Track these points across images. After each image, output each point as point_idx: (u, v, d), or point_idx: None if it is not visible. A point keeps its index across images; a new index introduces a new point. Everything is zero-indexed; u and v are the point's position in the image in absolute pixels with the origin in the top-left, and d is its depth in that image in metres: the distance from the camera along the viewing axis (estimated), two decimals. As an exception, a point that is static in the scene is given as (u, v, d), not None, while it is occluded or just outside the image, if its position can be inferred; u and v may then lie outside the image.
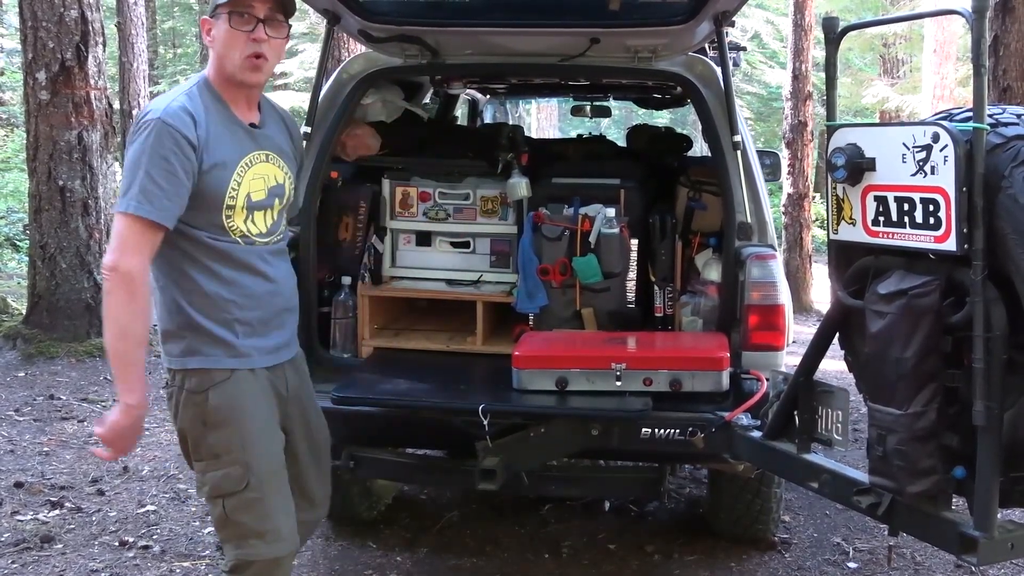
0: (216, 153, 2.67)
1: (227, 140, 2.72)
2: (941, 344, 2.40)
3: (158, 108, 2.65)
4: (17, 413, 6.28)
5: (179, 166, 2.60)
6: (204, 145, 2.65)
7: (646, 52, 3.93)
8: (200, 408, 2.72)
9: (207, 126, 2.67)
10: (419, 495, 4.96)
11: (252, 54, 2.69)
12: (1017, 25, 5.60)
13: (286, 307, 2.93)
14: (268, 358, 2.84)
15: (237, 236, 2.75)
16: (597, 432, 3.40)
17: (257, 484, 2.71)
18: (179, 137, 2.60)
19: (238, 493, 2.70)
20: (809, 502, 4.85)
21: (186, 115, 2.63)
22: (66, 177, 7.85)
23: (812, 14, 11.48)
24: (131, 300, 2.58)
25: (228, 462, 2.71)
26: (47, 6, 7.74)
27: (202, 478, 2.77)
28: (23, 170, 11.21)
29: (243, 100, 2.81)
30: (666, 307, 4.05)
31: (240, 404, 2.74)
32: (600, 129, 22.78)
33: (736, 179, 3.75)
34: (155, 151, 2.58)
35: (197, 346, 2.72)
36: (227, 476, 2.71)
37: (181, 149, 2.60)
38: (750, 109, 22.83)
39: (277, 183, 2.85)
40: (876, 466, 2.51)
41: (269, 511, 2.74)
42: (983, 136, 2.31)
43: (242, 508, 2.71)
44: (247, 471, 2.70)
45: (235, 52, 2.69)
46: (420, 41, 3.96)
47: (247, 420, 2.74)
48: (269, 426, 2.81)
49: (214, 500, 2.74)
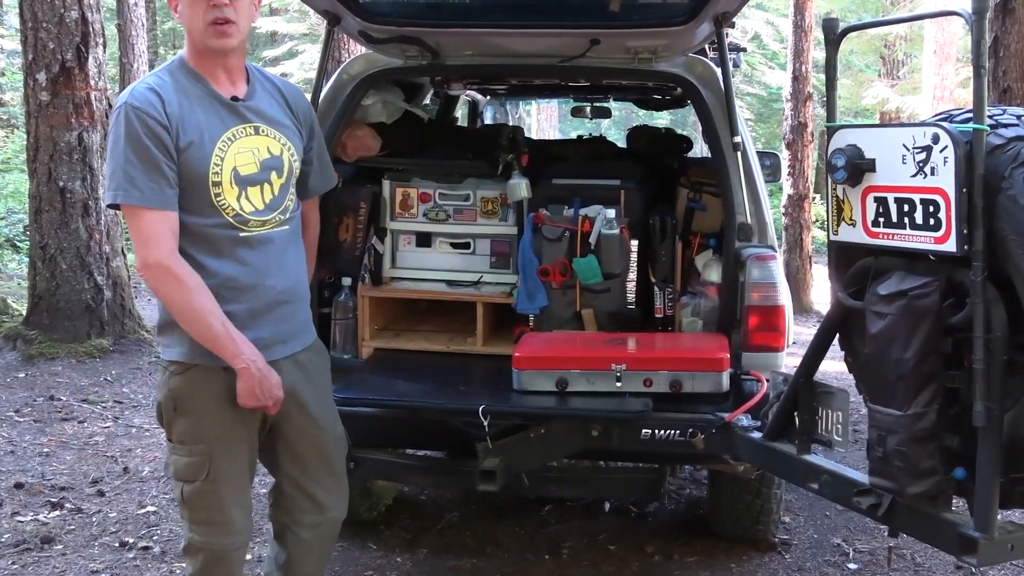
0: (192, 130, 2.63)
1: (204, 116, 2.67)
2: (941, 345, 2.40)
3: (126, 93, 2.64)
4: (17, 414, 6.28)
5: (155, 148, 2.57)
6: (177, 123, 2.61)
7: (646, 53, 3.93)
8: (172, 393, 2.75)
9: (178, 104, 2.63)
10: (419, 496, 4.96)
11: (214, 20, 2.62)
12: (1017, 26, 5.60)
13: (284, 299, 2.83)
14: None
15: (230, 216, 2.69)
16: (597, 433, 3.40)
17: (215, 476, 2.75)
18: (147, 118, 2.57)
19: (197, 481, 2.75)
20: (809, 503, 4.85)
21: (152, 95, 2.61)
22: (66, 178, 7.85)
23: (812, 15, 11.48)
24: (179, 284, 2.59)
25: (191, 452, 2.75)
26: (47, 7, 7.74)
27: (169, 457, 2.85)
28: (23, 171, 11.21)
29: (222, 73, 2.74)
30: (666, 308, 4.05)
31: (207, 397, 2.73)
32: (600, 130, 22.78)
33: (736, 180, 3.75)
34: (129, 136, 2.57)
35: (179, 338, 2.71)
36: (189, 464, 2.76)
37: (152, 130, 2.57)
38: (750, 110, 22.85)
39: (272, 155, 2.77)
40: (876, 467, 2.51)
41: (223, 503, 2.78)
42: (983, 137, 2.31)
43: (198, 496, 2.77)
44: (207, 462, 2.74)
45: (198, 21, 2.63)
46: (420, 42, 3.96)
47: (211, 413, 2.74)
48: (237, 422, 2.78)
49: (176, 482, 2.82)
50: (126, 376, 7.31)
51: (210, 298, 2.62)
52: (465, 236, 4.32)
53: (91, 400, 6.64)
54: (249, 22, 2.74)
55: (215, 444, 2.75)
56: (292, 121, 2.89)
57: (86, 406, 6.51)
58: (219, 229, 2.69)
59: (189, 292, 2.59)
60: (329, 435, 3.02)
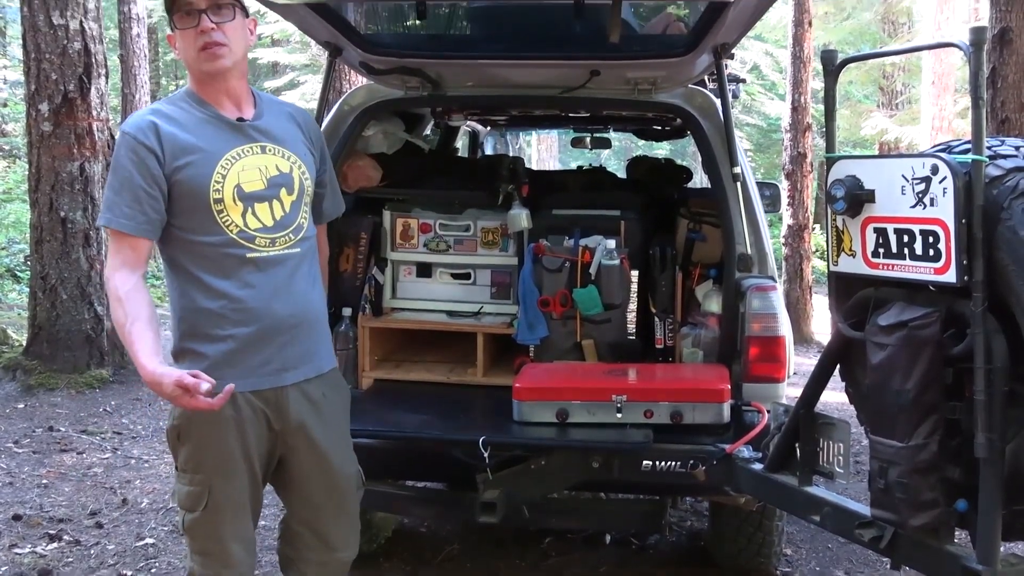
0: (190, 152, 2.66)
1: (206, 137, 2.70)
2: (942, 376, 2.39)
3: (126, 122, 2.72)
4: (16, 445, 6.26)
5: (137, 173, 2.62)
6: (169, 148, 2.64)
7: (646, 84, 3.95)
8: (176, 422, 2.75)
9: (176, 129, 2.67)
10: (419, 528, 4.93)
11: (204, 45, 2.66)
12: (1014, 57, 5.62)
13: (291, 323, 2.77)
14: (256, 381, 2.73)
15: (233, 232, 2.68)
16: (598, 464, 3.39)
17: (214, 507, 2.74)
18: (136, 145, 2.62)
19: (196, 511, 2.75)
20: (811, 535, 4.82)
21: (146, 122, 2.66)
22: (68, 208, 7.87)
23: (811, 46, 11.53)
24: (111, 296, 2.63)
25: (192, 481, 2.75)
26: (51, 38, 7.79)
27: (174, 485, 2.86)
28: (25, 201, 11.24)
29: (226, 98, 2.77)
30: (666, 338, 4.05)
31: (211, 427, 2.69)
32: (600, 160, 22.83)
33: (736, 210, 3.75)
34: (116, 162, 2.66)
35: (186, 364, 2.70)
36: (190, 493, 2.75)
37: (139, 156, 2.62)
38: (749, 140, 22.92)
39: (280, 172, 2.77)
40: (878, 499, 2.50)
41: (221, 535, 2.76)
42: (982, 168, 2.32)
43: (197, 526, 2.76)
44: (206, 492, 2.73)
45: (191, 50, 2.68)
46: (421, 73, 3.98)
47: (211, 444, 2.72)
48: (239, 454, 2.74)
49: (179, 509, 2.82)
50: (125, 407, 7.29)
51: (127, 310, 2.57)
52: (466, 266, 4.32)
53: (90, 431, 6.62)
54: (243, 44, 2.76)
55: (213, 475, 2.73)
56: (305, 143, 2.89)
57: (85, 437, 6.49)
58: (225, 248, 2.68)
59: (115, 301, 2.61)
60: (340, 474, 2.93)
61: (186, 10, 2.66)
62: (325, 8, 3.37)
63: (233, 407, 2.67)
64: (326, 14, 3.42)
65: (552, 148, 26.66)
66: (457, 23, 4.34)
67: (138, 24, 15.08)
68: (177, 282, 2.73)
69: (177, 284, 2.73)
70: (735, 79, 6.30)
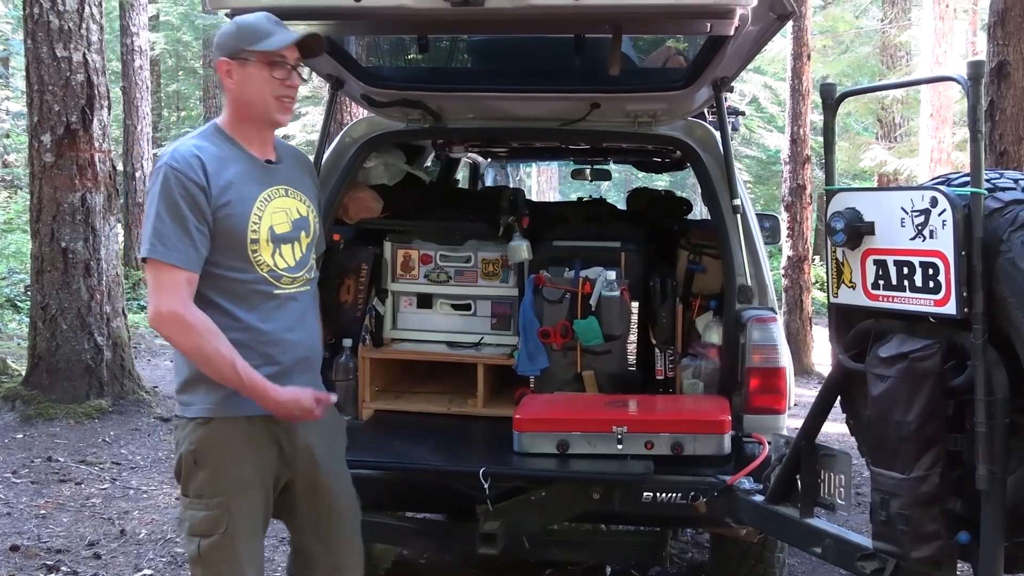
0: (230, 191, 2.72)
1: (243, 177, 2.76)
2: (943, 408, 2.40)
3: (167, 153, 2.72)
4: (15, 475, 6.24)
5: (187, 209, 2.64)
6: (214, 185, 2.69)
7: (646, 117, 3.98)
8: (193, 446, 2.75)
9: (218, 167, 2.72)
10: (419, 559, 4.91)
11: (284, 96, 2.79)
12: (1012, 91, 5.66)
13: (306, 355, 2.90)
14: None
15: (264, 271, 2.77)
16: (598, 496, 3.38)
17: (233, 530, 2.74)
18: (186, 180, 2.65)
19: (214, 536, 2.73)
20: (812, 567, 4.80)
21: (193, 159, 2.69)
22: (69, 239, 7.89)
23: (809, 79, 11.60)
24: (191, 330, 2.62)
25: (209, 505, 2.74)
26: (53, 70, 7.84)
27: (184, 513, 2.80)
28: (26, 231, 11.26)
29: (257, 140, 2.85)
30: (667, 370, 4.04)
31: (229, 451, 2.75)
32: (600, 192, 22.89)
33: (736, 242, 3.76)
34: (167, 195, 2.64)
35: (203, 395, 2.75)
36: (206, 518, 2.74)
37: (188, 192, 2.65)
38: (749, 172, 22.98)
39: (300, 215, 2.88)
40: (880, 531, 2.49)
41: (239, 558, 2.76)
42: (981, 201, 2.33)
43: (215, 551, 2.74)
44: (226, 516, 2.73)
45: (267, 96, 2.76)
46: (422, 105, 4.01)
47: (233, 467, 2.75)
48: (255, 475, 2.79)
49: (191, 538, 2.77)
50: (125, 437, 7.28)
51: (223, 341, 2.65)
52: (466, 298, 4.33)
53: (89, 461, 6.60)
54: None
55: (233, 498, 2.75)
56: (313, 187, 3.02)
57: (84, 467, 6.47)
58: (254, 284, 2.76)
59: (201, 337, 2.62)
60: (342, 497, 3.01)
61: (280, 60, 2.75)
62: (327, 41, 3.40)
63: (251, 430, 2.76)
64: (328, 47, 3.44)
65: (552, 180, 26.72)
66: (458, 56, 4.38)
67: (140, 56, 15.17)
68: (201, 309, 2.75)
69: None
70: (734, 112, 6.34)
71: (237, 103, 2.81)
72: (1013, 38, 5.65)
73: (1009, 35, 5.66)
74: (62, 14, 7.83)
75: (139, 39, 15.13)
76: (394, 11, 2.71)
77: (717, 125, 3.98)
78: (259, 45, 2.72)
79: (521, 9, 2.68)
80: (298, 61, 2.80)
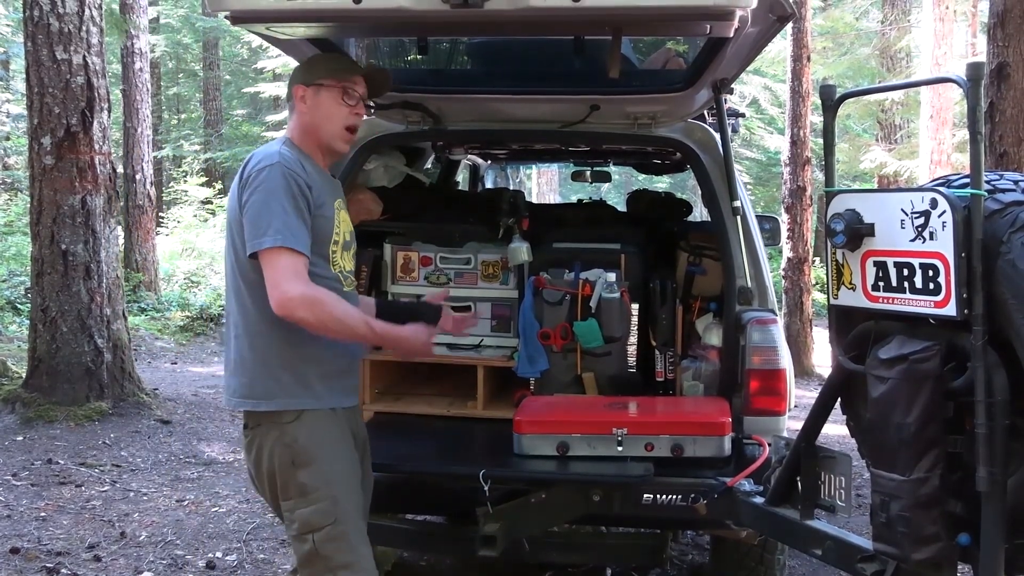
0: (319, 196, 2.89)
1: (324, 186, 2.95)
2: (943, 409, 2.39)
3: (272, 154, 2.85)
4: (15, 478, 6.24)
5: (301, 202, 2.80)
6: (314, 188, 2.86)
7: (646, 119, 3.97)
8: (289, 448, 2.84)
9: (311, 173, 2.90)
10: (419, 562, 4.91)
11: (350, 126, 2.99)
12: (1012, 92, 5.65)
13: (360, 354, 3.14)
14: (346, 399, 2.99)
15: (337, 271, 2.97)
16: (598, 498, 3.38)
17: (344, 517, 2.83)
18: (298, 178, 2.81)
19: (327, 527, 2.81)
20: (813, 569, 4.80)
21: (296, 163, 2.86)
22: (69, 241, 7.88)
23: (809, 81, 11.60)
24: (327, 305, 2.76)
25: (317, 498, 2.82)
26: (54, 73, 7.83)
27: (291, 516, 2.86)
28: (26, 234, 11.26)
29: (321, 158, 3.03)
30: (667, 372, 4.04)
31: (326, 441, 2.87)
32: (600, 194, 22.89)
33: (736, 244, 3.76)
34: (285, 190, 2.78)
35: (286, 386, 2.85)
36: (317, 511, 2.82)
37: (301, 189, 2.81)
38: (749, 174, 22.98)
39: (351, 228, 3.11)
40: (880, 533, 2.49)
41: (354, 543, 2.85)
42: (981, 202, 2.33)
43: (331, 541, 2.81)
44: (335, 505, 2.82)
45: (336, 123, 2.97)
46: (422, 108, 4.01)
47: (332, 457, 2.87)
48: (351, 462, 2.95)
49: (303, 537, 2.83)
50: (125, 439, 7.27)
51: (346, 303, 2.86)
52: (466, 300, 4.33)
53: (89, 464, 6.60)
54: None
55: (337, 486, 2.85)
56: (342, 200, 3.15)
57: (84, 470, 6.47)
58: (332, 283, 2.92)
59: (334, 306, 2.78)
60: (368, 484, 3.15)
61: (352, 89, 2.97)
62: (327, 43, 3.40)
63: (337, 420, 2.93)
64: (328, 49, 3.44)
65: (552, 182, 26.72)
66: (458, 58, 4.38)
67: (141, 59, 15.15)
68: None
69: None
70: (734, 113, 6.34)
71: (306, 126, 2.98)
72: (1013, 39, 5.64)
73: (1009, 36, 5.66)
74: (62, 16, 7.82)
75: (139, 41, 15.12)
76: (393, 13, 2.70)
77: (717, 127, 3.98)
78: (335, 74, 2.95)
79: (520, 11, 2.67)
80: (364, 95, 3.01)
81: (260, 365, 2.86)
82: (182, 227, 18.06)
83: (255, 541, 5.05)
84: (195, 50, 25.76)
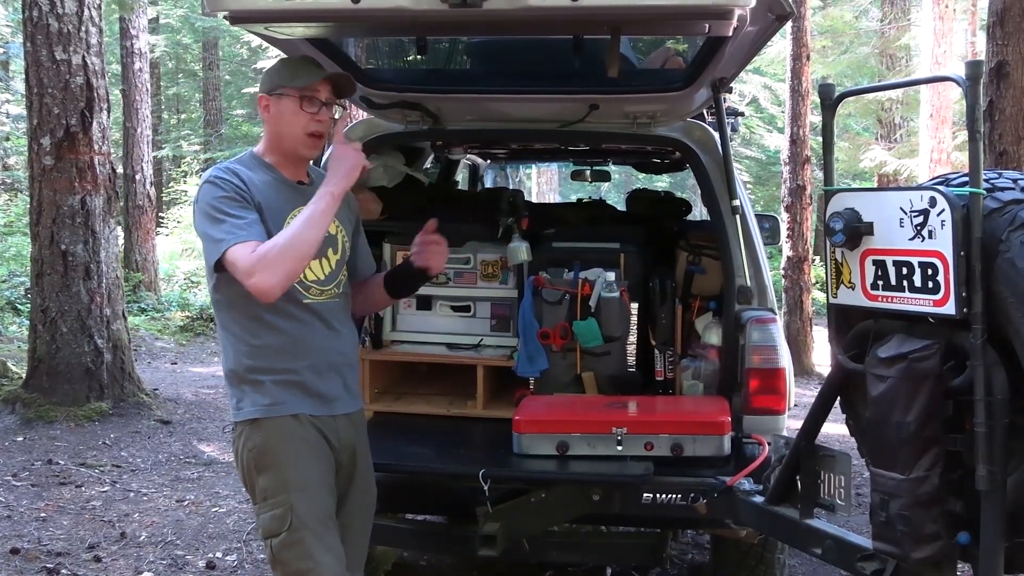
0: (264, 205, 2.86)
1: (274, 195, 2.91)
2: (942, 408, 2.39)
3: (207, 174, 2.89)
4: (15, 478, 6.24)
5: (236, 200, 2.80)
6: (252, 195, 2.84)
7: (645, 118, 3.97)
8: (251, 453, 2.88)
9: (253, 182, 2.87)
10: (419, 561, 4.91)
11: (313, 132, 2.94)
12: (1012, 91, 5.65)
13: (344, 362, 3.03)
14: (314, 407, 2.92)
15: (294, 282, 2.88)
16: (598, 497, 3.38)
17: (299, 524, 2.82)
18: (227, 184, 2.81)
19: (283, 533, 2.82)
20: (813, 568, 4.80)
21: (229, 173, 2.86)
22: (68, 241, 7.89)
23: (809, 80, 11.60)
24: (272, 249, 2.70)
25: (275, 503, 2.84)
26: (53, 73, 7.84)
27: (257, 520, 2.92)
28: (26, 234, 11.26)
29: (289, 166, 3.01)
30: (667, 371, 4.04)
31: (282, 448, 2.87)
32: (600, 193, 22.88)
33: (735, 243, 3.76)
34: (218, 199, 2.79)
35: (250, 396, 2.89)
36: (273, 517, 2.84)
37: (235, 189, 2.81)
38: (748, 173, 22.99)
39: (328, 234, 2.96)
40: (880, 532, 2.49)
41: (310, 551, 2.82)
42: (980, 201, 2.33)
43: (286, 548, 2.82)
44: (290, 512, 2.81)
45: (297, 129, 2.93)
46: (421, 107, 4.01)
47: (291, 463, 2.86)
48: (316, 470, 2.90)
49: (266, 541, 2.87)
50: (125, 440, 7.28)
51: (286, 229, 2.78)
52: (465, 299, 4.33)
53: (89, 464, 6.60)
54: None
55: (292, 493, 2.83)
56: (347, 211, 3.14)
57: (84, 470, 6.47)
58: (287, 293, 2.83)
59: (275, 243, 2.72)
60: (371, 496, 3.14)
61: (312, 96, 2.92)
62: (325, 43, 3.40)
63: (299, 428, 2.89)
64: (326, 48, 3.44)
65: (552, 181, 26.73)
66: (457, 58, 4.37)
67: (140, 59, 15.16)
68: (240, 320, 2.90)
69: (237, 320, 2.90)
70: (734, 112, 6.34)
71: (271, 134, 2.99)
72: (1012, 38, 5.65)
73: (1008, 35, 5.66)
74: (61, 17, 7.83)
75: (139, 41, 15.14)
76: (392, 13, 2.70)
77: (716, 126, 3.97)
78: (293, 82, 2.91)
79: (519, 10, 2.67)
80: (330, 99, 2.96)
81: (231, 376, 2.94)
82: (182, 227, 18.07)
83: (255, 541, 5.05)
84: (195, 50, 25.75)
